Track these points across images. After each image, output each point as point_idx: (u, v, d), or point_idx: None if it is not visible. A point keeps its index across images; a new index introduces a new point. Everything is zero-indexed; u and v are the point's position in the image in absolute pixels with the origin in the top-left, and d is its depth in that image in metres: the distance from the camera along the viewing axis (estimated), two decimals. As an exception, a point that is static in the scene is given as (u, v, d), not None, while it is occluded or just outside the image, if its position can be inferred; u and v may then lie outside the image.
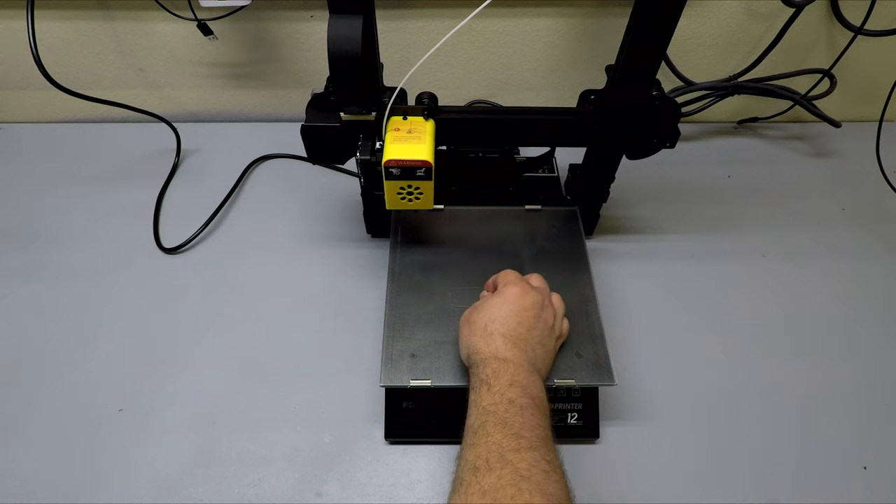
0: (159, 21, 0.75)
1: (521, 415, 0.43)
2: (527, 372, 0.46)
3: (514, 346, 0.47)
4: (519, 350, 0.47)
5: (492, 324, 0.49)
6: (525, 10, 0.76)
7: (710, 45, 0.80)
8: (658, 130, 0.57)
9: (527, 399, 0.44)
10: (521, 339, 0.48)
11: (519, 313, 0.49)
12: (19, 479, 0.54)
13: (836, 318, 0.66)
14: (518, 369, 0.46)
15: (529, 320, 0.49)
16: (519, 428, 0.42)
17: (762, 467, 0.55)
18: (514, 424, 0.42)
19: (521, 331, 0.48)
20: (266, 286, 0.68)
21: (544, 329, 0.50)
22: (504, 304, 0.50)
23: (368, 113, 0.53)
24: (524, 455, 0.40)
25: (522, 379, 0.45)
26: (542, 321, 0.50)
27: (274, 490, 0.53)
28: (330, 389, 0.59)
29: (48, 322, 0.64)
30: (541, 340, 0.50)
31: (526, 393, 0.44)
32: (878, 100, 0.72)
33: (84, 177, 0.79)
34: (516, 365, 0.46)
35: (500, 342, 0.48)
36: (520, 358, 0.47)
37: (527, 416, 0.43)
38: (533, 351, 0.48)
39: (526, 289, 0.51)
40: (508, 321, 0.49)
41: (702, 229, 0.74)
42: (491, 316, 0.49)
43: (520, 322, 0.49)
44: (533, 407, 0.44)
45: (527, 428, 0.42)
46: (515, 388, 0.44)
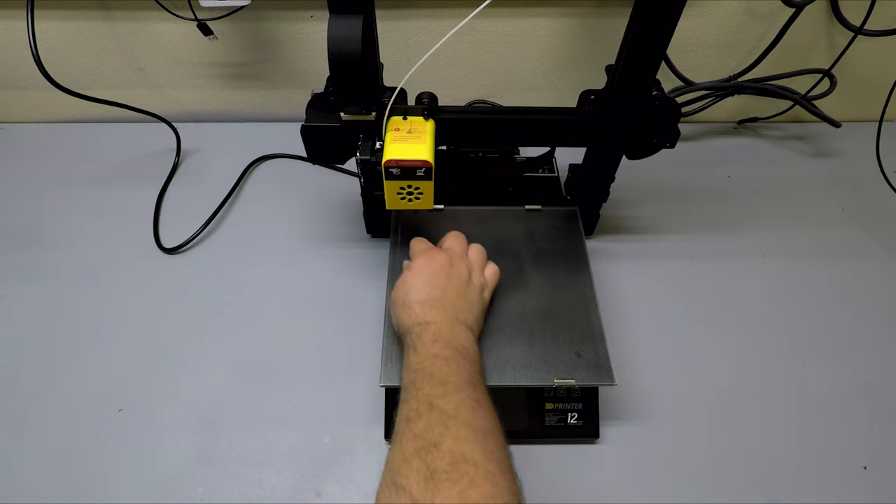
0: (159, 21, 0.75)
1: (446, 365, 0.45)
2: (449, 327, 0.49)
3: (432, 307, 0.51)
4: (437, 310, 0.51)
5: (408, 296, 0.52)
6: (525, 10, 0.76)
7: (710, 45, 0.80)
8: (658, 130, 0.57)
9: (450, 350, 0.47)
10: (437, 299, 0.51)
11: (429, 278, 0.53)
12: (19, 479, 0.54)
13: (836, 318, 0.66)
14: (439, 327, 0.49)
15: (441, 280, 0.53)
16: (444, 376, 0.45)
17: (762, 467, 0.55)
18: (440, 374, 0.45)
19: (435, 292, 0.52)
20: (266, 286, 0.68)
21: (459, 284, 0.53)
22: (413, 276, 0.54)
23: (368, 113, 0.53)
24: (450, 398, 0.43)
25: (445, 333, 0.49)
26: (455, 277, 0.54)
27: (274, 490, 0.53)
28: (330, 389, 0.59)
29: (48, 322, 0.64)
30: (459, 293, 0.53)
31: (449, 345, 0.48)
32: (878, 100, 0.72)
33: (84, 177, 0.79)
34: (437, 324, 0.49)
35: (419, 309, 0.51)
36: (439, 317, 0.50)
37: (452, 365, 0.46)
38: (453, 306, 0.52)
39: (431, 255, 0.55)
40: (422, 288, 0.52)
41: (702, 229, 0.74)
42: (405, 288, 0.53)
43: (432, 285, 0.52)
44: (457, 356, 0.47)
45: (452, 374, 0.45)
46: (438, 343, 0.47)
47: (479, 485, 0.37)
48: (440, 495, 0.36)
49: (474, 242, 0.60)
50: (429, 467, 0.38)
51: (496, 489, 0.37)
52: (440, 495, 0.36)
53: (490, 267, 0.58)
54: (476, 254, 0.58)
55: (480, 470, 0.38)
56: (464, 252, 0.57)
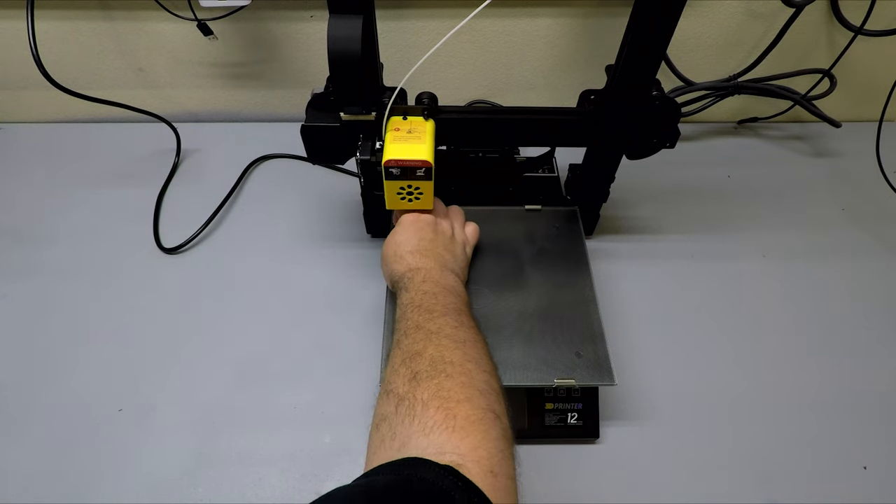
0: (159, 21, 0.75)
1: (434, 298, 0.49)
2: (438, 271, 0.53)
3: (422, 255, 0.54)
4: (426, 258, 0.54)
5: (398, 247, 0.56)
6: (525, 10, 0.76)
7: (710, 45, 0.80)
8: (658, 130, 0.57)
9: (438, 287, 0.51)
10: (427, 249, 0.55)
11: (417, 231, 0.56)
12: (19, 479, 0.54)
13: (836, 318, 0.66)
14: (429, 271, 0.53)
15: (429, 234, 0.57)
16: (431, 305, 0.48)
17: (762, 467, 0.55)
18: (427, 305, 0.48)
19: (424, 244, 0.55)
20: (266, 286, 0.68)
21: (444, 238, 0.57)
22: (403, 230, 0.57)
23: (368, 113, 0.53)
24: (436, 321, 0.47)
25: (435, 276, 0.52)
26: (440, 233, 0.57)
27: (274, 490, 0.53)
28: (330, 389, 0.59)
29: (48, 322, 0.64)
30: (445, 247, 0.57)
31: (438, 284, 0.51)
32: (878, 100, 0.72)
33: (84, 177, 0.79)
34: (427, 268, 0.53)
35: (410, 258, 0.54)
36: (429, 263, 0.54)
37: (439, 298, 0.49)
38: (440, 256, 0.55)
39: (416, 214, 0.58)
40: (411, 240, 0.56)
41: (702, 229, 0.74)
42: (396, 241, 0.57)
43: (420, 237, 0.56)
44: (445, 292, 0.51)
45: (439, 305, 0.49)
46: (428, 282, 0.51)
47: (454, 377, 0.41)
48: (420, 389, 0.40)
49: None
50: (412, 370, 0.42)
51: (471, 380, 0.42)
52: (420, 389, 0.40)
53: (470, 226, 0.62)
54: (456, 213, 0.62)
55: (457, 367, 0.42)
56: (445, 212, 0.61)
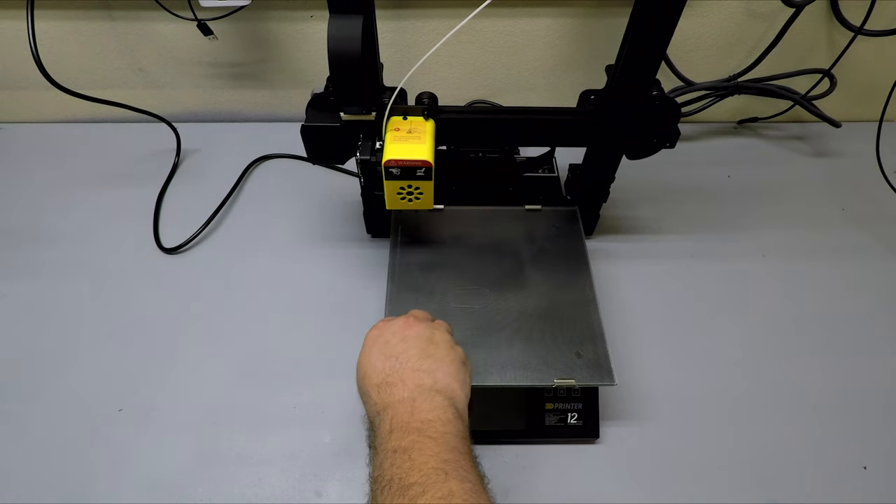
0: (159, 21, 0.75)
1: (406, 459, 0.39)
2: (408, 404, 0.43)
3: (388, 386, 0.44)
4: (394, 387, 0.44)
5: (363, 381, 0.47)
6: (525, 10, 0.76)
7: (710, 45, 0.80)
8: (658, 130, 0.57)
9: (410, 437, 0.40)
10: (394, 372, 0.45)
11: (382, 349, 0.47)
12: (19, 479, 0.54)
13: (836, 318, 0.66)
14: (397, 408, 0.42)
15: (396, 347, 0.47)
16: (405, 478, 0.38)
17: (762, 467, 0.55)
18: (399, 477, 0.38)
19: (388, 365, 0.45)
20: (266, 286, 0.68)
21: (418, 344, 0.47)
22: (367, 354, 0.48)
23: (368, 113, 0.53)
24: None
25: (401, 417, 0.42)
26: (413, 338, 0.47)
27: (274, 490, 0.53)
28: (330, 389, 0.59)
29: (48, 322, 0.64)
30: (421, 355, 0.46)
31: (407, 430, 0.41)
32: (878, 100, 0.72)
33: (84, 177, 0.79)
34: (393, 404, 0.43)
35: (375, 395, 0.45)
36: (398, 394, 0.43)
37: (415, 457, 0.39)
38: (415, 372, 0.45)
39: (383, 325, 0.49)
40: (375, 366, 0.46)
41: (702, 229, 0.74)
42: (361, 374, 0.47)
43: (386, 356, 0.46)
44: (420, 441, 0.40)
45: (415, 471, 0.38)
46: (396, 433, 0.41)
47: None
48: None
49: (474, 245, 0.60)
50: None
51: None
52: None
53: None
54: (439, 320, 0.52)
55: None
56: (425, 316, 0.51)
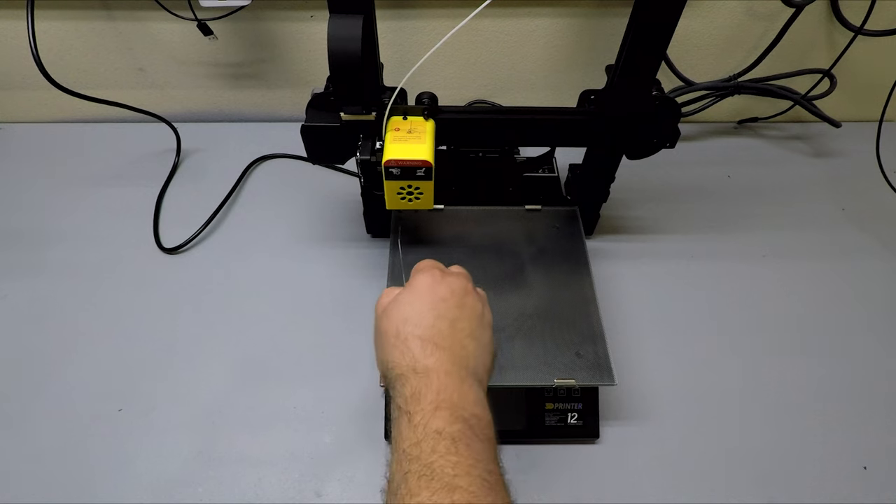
0: (159, 21, 0.75)
1: (453, 451, 0.34)
2: (457, 381, 0.37)
3: (436, 347, 0.38)
4: (443, 352, 0.38)
5: (404, 325, 0.40)
6: (525, 10, 0.76)
7: (710, 45, 0.80)
8: (658, 130, 0.57)
9: (458, 425, 0.35)
10: (444, 336, 0.39)
11: (436, 305, 0.40)
12: (19, 479, 0.54)
13: (836, 318, 0.66)
14: (445, 380, 0.37)
15: (451, 310, 0.40)
16: (450, 475, 0.32)
17: (762, 467, 0.55)
18: (445, 471, 0.33)
19: (441, 326, 0.40)
20: (266, 286, 0.68)
21: (472, 318, 0.41)
22: (416, 297, 0.41)
23: (368, 113, 0.53)
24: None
25: (451, 394, 0.36)
26: (469, 309, 0.41)
27: (274, 490, 0.53)
28: (330, 389, 0.59)
29: (48, 322, 0.64)
30: (471, 333, 0.40)
31: (456, 416, 0.35)
32: (878, 100, 0.72)
33: (84, 177, 0.79)
34: (441, 374, 0.37)
35: (418, 347, 0.38)
36: (445, 363, 0.38)
37: (462, 453, 0.34)
38: (463, 349, 0.39)
39: (438, 275, 0.42)
40: (424, 318, 0.40)
41: (702, 229, 0.74)
42: (402, 315, 0.40)
43: (438, 315, 0.40)
44: (468, 435, 0.35)
45: (461, 471, 0.33)
46: (442, 411, 0.35)
47: None
48: None
49: (474, 245, 0.59)
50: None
51: None
52: None
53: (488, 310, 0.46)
54: (481, 290, 0.46)
55: None
56: (467, 276, 0.45)
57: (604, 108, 0.55)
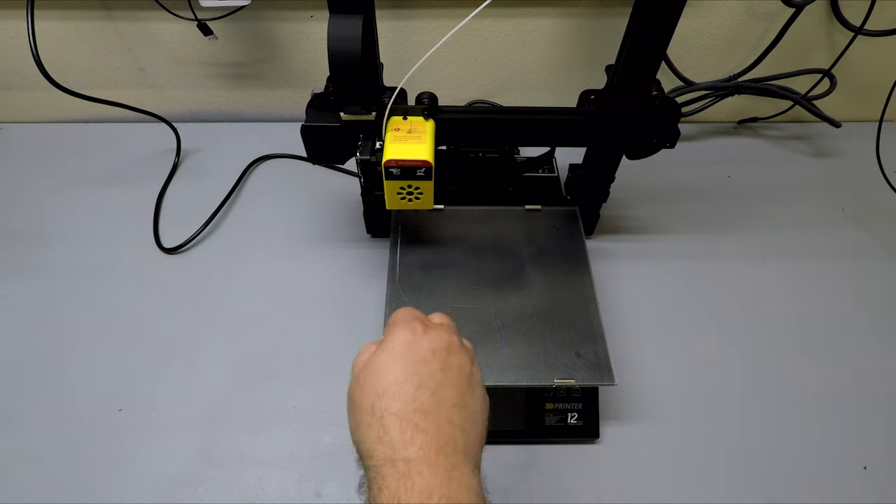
0: (159, 21, 0.75)
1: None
2: (443, 478, 0.32)
3: (417, 430, 0.33)
4: (425, 436, 0.33)
5: (380, 399, 0.34)
6: (525, 10, 0.76)
7: (710, 45, 0.80)
8: (658, 130, 0.57)
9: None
10: (426, 412, 0.34)
11: (416, 370, 0.35)
12: (19, 479, 0.54)
13: (836, 318, 0.66)
14: (430, 478, 0.31)
15: (434, 376, 0.35)
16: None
17: (762, 467, 0.55)
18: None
19: (423, 399, 0.34)
20: (266, 286, 0.68)
21: (459, 382, 0.36)
22: (392, 359, 0.36)
23: (368, 113, 0.53)
24: None
25: (439, 488, 0.31)
26: (454, 371, 0.36)
27: (274, 490, 0.53)
28: (330, 389, 0.59)
29: (48, 322, 0.64)
30: (458, 401, 0.35)
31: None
32: (878, 100, 0.72)
33: (84, 177, 0.79)
34: (424, 471, 0.32)
35: (397, 430, 0.33)
36: (430, 453, 0.32)
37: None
38: (449, 423, 0.34)
39: (419, 330, 0.37)
40: (402, 389, 0.34)
41: (702, 229, 0.74)
42: (378, 387, 0.35)
43: (419, 385, 0.35)
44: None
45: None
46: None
47: None
48: None
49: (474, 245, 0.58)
50: None
51: None
52: None
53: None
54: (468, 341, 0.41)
55: None
56: (457, 333, 0.40)
57: (604, 108, 0.55)
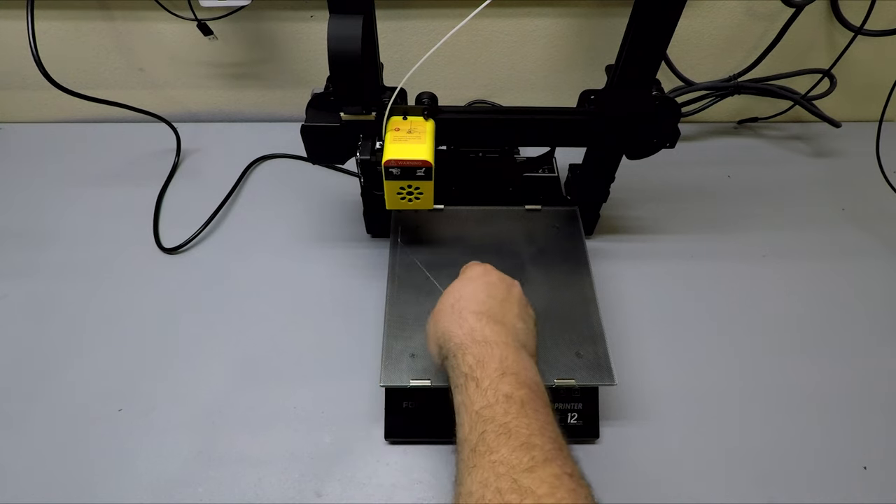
0: (159, 21, 0.75)
1: (524, 414, 0.35)
2: (515, 352, 0.39)
3: (491, 321, 0.41)
4: (498, 326, 0.41)
5: (459, 302, 0.43)
6: (525, 10, 0.76)
7: (710, 45, 0.80)
8: (658, 130, 0.57)
9: (525, 390, 0.37)
10: (496, 312, 0.42)
11: (487, 287, 0.44)
12: (19, 479, 0.54)
13: (836, 318, 0.66)
14: (505, 350, 0.39)
15: (500, 292, 0.44)
16: (527, 435, 0.34)
17: (762, 467, 0.55)
18: (521, 430, 0.34)
19: (492, 304, 0.42)
20: (266, 286, 0.68)
21: (519, 303, 0.44)
22: (469, 281, 0.45)
23: (368, 113, 0.53)
24: (541, 473, 0.32)
25: (513, 363, 0.38)
26: (516, 297, 0.45)
27: (274, 490, 0.53)
28: (330, 389, 0.59)
29: (48, 322, 0.64)
30: (519, 315, 0.44)
31: (522, 382, 0.37)
32: (878, 100, 0.72)
33: (84, 177, 0.79)
34: (501, 345, 0.39)
35: (474, 320, 0.41)
36: (502, 335, 0.40)
37: (531, 415, 0.35)
38: (514, 326, 0.42)
39: (490, 267, 0.47)
40: (477, 295, 0.43)
41: (702, 229, 0.74)
42: (458, 295, 0.43)
43: (489, 295, 0.43)
44: (535, 400, 0.37)
45: (536, 432, 0.34)
46: (508, 377, 0.37)
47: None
48: None
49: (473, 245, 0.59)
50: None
51: None
52: None
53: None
54: None
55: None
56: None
57: (604, 108, 0.55)
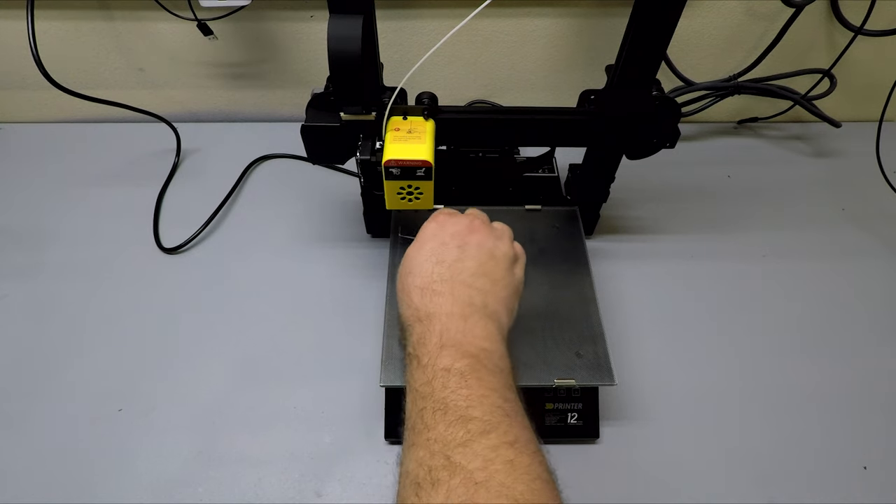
0: (159, 21, 0.75)
1: (464, 385, 0.34)
2: (459, 320, 0.37)
3: (434, 294, 0.39)
4: (442, 297, 0.38)
5: (406, 279, 0.41)
6: (525, 10, 0.76)
7: (710, 45, 0.80)
8: (658, 130, 0.57)
9: (466, 360, 0.35)
10: (444, 280, 0.39)
11: (435, 250, 0.41)
12: (19, 479, 0.54)
13: (836, 318, 0.66)
14: (447, 322, 0.37)
15: (451, 252, 0.41)
16: (465, 407, 0.33)
17: (762, 467, 0.55)
18: (458, 404, 0.33)
19: (439, 270, 0.40)
20: (266, 286, 0.68)
21: (479, 254, 0.41)
22: (418, 249, 0.42)
23: (368, 113, 0.53)
24: (476, 447, 0.31)
25: (454, 334, 0.37)
26: (473, 246, 0.42)
27: (274, 490, 0.53)
28: (330, 389, 0.59)
29: (48, 322, 0.64)
30: (477, 269, 0.40)
31: (462, 352, 0.36)
32: (878, 100, 0.72)
33: (84, 177, 0.79)
34: (442, 317, 0.37)
35: (418, 297, 0.39)
36: (446, 306, 0.38)
37: (473, 385, 0.34)
38: (467, 287, 0.39)
39: (443, 219, 0.44)
40: (422, 267, 0.40)
41: (702, 229, 0.74)
42: (406, 269, 0.42)
43: (438, 261, 0.41)
44: (476, 368, 0.35)
45: (475, 403, 0.33)
46: (447, 349, 0.36)
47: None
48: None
49: None
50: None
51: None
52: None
53: (517, 244, 0.47)
54: (503, 224, 0.47)
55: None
56: (487, 220, 0.46)
57: (604, 108, 0.55)
